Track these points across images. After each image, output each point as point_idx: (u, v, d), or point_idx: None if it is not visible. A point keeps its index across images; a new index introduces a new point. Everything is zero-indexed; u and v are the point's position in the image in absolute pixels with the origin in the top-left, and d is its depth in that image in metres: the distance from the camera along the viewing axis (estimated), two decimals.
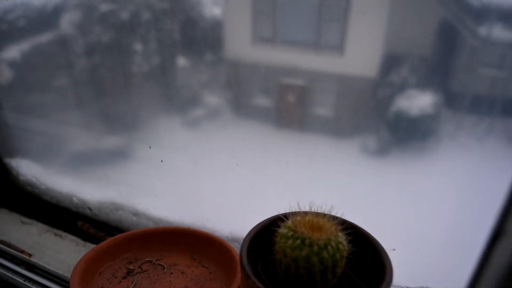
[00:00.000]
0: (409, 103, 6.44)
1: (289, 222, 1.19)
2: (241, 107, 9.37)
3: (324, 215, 1.38)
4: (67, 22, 9.05)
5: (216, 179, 3.58)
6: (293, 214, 1.43)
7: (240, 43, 8.82)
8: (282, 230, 1.18)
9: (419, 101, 6.45)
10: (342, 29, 7.42)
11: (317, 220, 1.19)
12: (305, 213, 1.39)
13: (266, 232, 1.42)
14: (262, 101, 9.11)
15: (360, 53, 7.51)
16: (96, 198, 2.40)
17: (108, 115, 7.59)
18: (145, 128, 8.07)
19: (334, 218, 1.39)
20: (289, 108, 8.91)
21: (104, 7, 7.68)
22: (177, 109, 8.87)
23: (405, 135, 7.19)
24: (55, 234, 2.28)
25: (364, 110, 7.95)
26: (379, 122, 7.55)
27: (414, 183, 6.64)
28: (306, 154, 7.77)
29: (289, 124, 9.01)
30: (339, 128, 8.43)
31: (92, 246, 2.25)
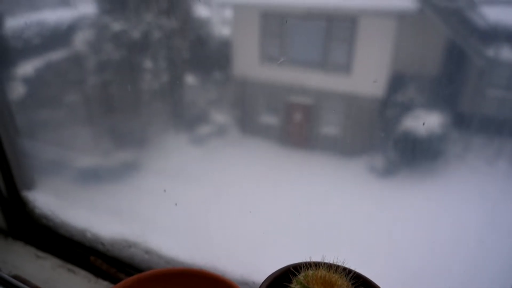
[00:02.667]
0: (417, 123, 6.39)
1: (301, 278, 1.17)
2: (248, 125, 9.46)
3: (337, 268, 1.36)
4: (80, 40, 9.27)
5: (228, 214, 3.59)
6: (305, 265, 1.41)
7: (248, 62, 8.93)
8: (295, 287, 1.15)
9: (427, 121, 6.37)
10: (349, 49, 7.49)
11: (330, 275, 1.16)
12: (317, 266, 1.37)
13: (277, 286, 1.40)
14: (269, 119, 9.18)
15: (367, 73, 7.54)
16: (109, 233, 2.43)
17: (117, 132, 7.67)
18: (153, 149, 8.12)
19: (348, 272, 1.36)
20: (296, 126, 8.94)
21: (116, 26, 7.89)
22: (185, 127, 8.95)
23: (412, 155, 7.10)
24: (68, 270, 2.29)
25: (371, 129, 7.93)
26: (386, 142, 7.50)
27: (422, 205, 6.50)
28: (312, 173, 7.72)
29: (296, 142, 9.04)
30: (346, 147, 8.39)
31: (104, 283, 2.27)
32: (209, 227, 3.08)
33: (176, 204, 2.76)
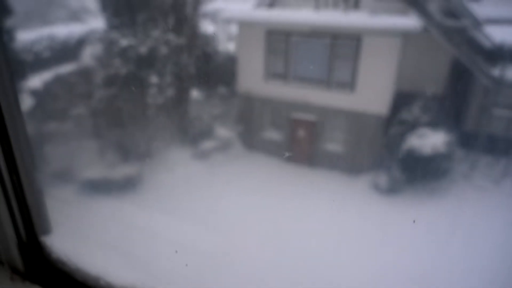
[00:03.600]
0: (421, 142, 6.22)
1: None
2: (251, 140, 9.36)
3: None
4: (89, 54, 9.31)
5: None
6: None
7: (252, 78, 8.93)
8: None
9: (431, 140, 6.23)
10: (353, 67, 7.44)
11: None
12: None
13: None
14: (273, 135, 9.11)
15: (371, 91, 7.46)
16: (122, 282, 2.42)
17: (122, 146, 7.52)
18: (156, 163, 7.96)
19: None
20: (300, 142, 8.82)
21: (124, 42, 7.91)
22: (189, 141, 8.88)
23: (417, 174, 6.90)
24: None
25: (375, 147, 7.80)
26: (391, 159, 7.33)
27: (426, 224, 6.25)
28: (315, 189, 7.53)
29: (299, 158, 8.89)
30: (349, 164, 8.24)
31: None
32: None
33: (176, 252, 2.80)
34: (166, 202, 7.51)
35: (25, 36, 16.22)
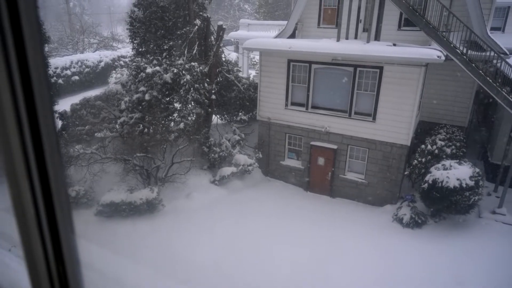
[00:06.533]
0: (446, 174, 6.10)
1: None
2: (270, 167, 9.41)
3: None
4: (115, 79, 9.71)
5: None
6: None
7: (273, 105, 9.09)
8: None
9: (457, 172, 6.10)
10: (374, 96, 7.51)
11: None
12: None
13: None
14: (292, 162, 9.15)
15: (393, 120, 7.45)
16: None
17: (143, 169, 7.59)
18: (177, 187, 8.01)
19: None
20: (319, 170, 8.79)
21: (149, 69, 8.25)
22: (209, 166, 8.91)
23: (442, 206, 6.73)
24: None
25: (398, 177, 7.70)
26: (413, 191, 7.19)
27: (450, 260, 6.03)
28: (335, 219, 7.41)
29: (319, 186, 8.84)
30: (371, 194, 8.14)
31: None
32: None
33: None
34: (183, 227, 7.48)
35: (57, 62, 17.08)
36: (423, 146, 8.19)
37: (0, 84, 0.51)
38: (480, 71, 7.38)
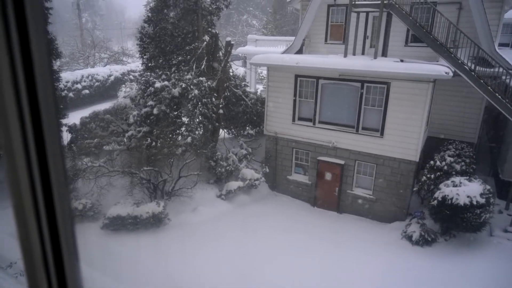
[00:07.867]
0: (456, 191, 6.00)
1: None
2: (277, 181, 9.36)
3: None
4: (124, 93, 9.84)
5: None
6: None
7: (280, 120, 9.08)
8: None
9: (466, 189, 6.00)
10: (382, 111, 7.46)
11: None
12: None
13: None
14: (299, 177, 9.07)
15: (401, 135, 7.38)
16: None
17: (150, 183, 7.62)
18: (183, 201, 8.03)
19: None
20: (327, 185, 8.69)
21: (158, 83, 8.34)
22: (216, 180, 8.90)
23: (452, 224, 6.60)
24: None
25: (406, 193, 7.58)
26: (423, 207, 7.06)
27: (461, 279, 5.88)
28: (342, 237, 7.29)
29: (326, 202, 8.73)
30: (378, 210, 8.01)
31: None
32: None
33: None
34: (189, 241, 7.44)
35: (68, 76, 17.44)
36: (432, 162, 8.10)
37: (6, 96, 0.51)
38: (489, 87, 7.34)
